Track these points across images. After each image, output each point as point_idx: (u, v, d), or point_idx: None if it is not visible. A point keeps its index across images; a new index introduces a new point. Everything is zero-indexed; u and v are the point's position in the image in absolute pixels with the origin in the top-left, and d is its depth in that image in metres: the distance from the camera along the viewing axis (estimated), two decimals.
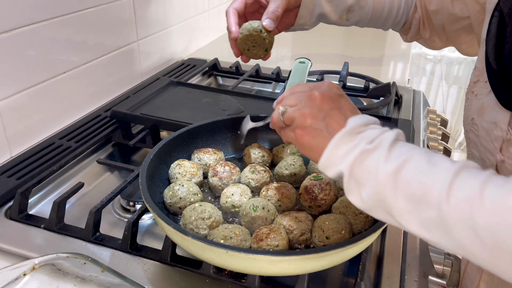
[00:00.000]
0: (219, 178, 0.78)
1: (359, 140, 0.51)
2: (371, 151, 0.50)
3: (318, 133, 0.54)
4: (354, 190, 0.52)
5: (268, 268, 0.58)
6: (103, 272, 0.62)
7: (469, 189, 0.43)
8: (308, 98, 0.57)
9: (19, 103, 0.96)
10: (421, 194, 0.46)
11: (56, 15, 1.01)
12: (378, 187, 0.49)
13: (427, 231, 0.47)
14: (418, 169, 0.47)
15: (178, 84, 1.23)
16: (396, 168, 0.48)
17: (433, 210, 0.45)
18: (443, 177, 0.45)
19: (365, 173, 0.50)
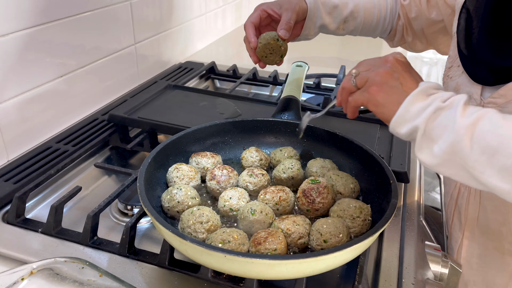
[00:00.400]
0: (217, 181, 0.78)
1: (433, 99, 0.56)
2: (445, 108, 0.55)
3: (394, 90, 0.58)
4: (425, 147, 0.56)
5: (266, 272, 0.58)
6: (101, 277, 0.62)
7: None
8: (381, 61, 0.61)
9: (16, 107, 0.96)
10: (498, 145, 0.51)
11: (53, 19, 1.01)
12: (455, 139, 0.53)
13: (502, 179, 0.51)
14: (494, 124, 0.52)
15: (176, 88, 1.23)
16: (473, 121, 0.52)
17: (511, 159, 0.50)
18: None
19: (440, 128, 0.54)
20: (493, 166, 0.51)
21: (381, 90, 0.59)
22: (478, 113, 0.53)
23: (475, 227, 0.81)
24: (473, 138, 0.52)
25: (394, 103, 0.58)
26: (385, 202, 0.71)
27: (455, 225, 0.86)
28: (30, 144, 1.01)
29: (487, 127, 0.52)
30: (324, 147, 0.89)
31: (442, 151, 0.54)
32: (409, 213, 0.86)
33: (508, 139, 0.51)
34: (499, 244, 0.79)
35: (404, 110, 0.57)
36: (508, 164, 0.50)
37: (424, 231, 0.84)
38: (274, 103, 1.15)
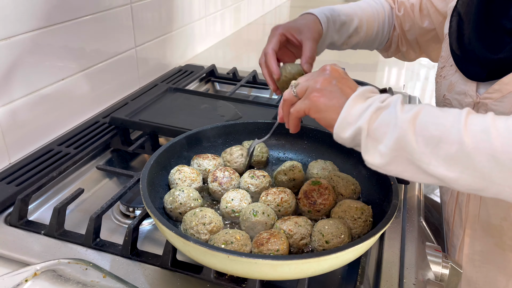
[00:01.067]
0: (218, 183, 0.78)
1: (372, 100, 0.58)
2: (385, 108, 0.57)
3: (334, 95, 0.60)
4: (371, 148, 0.57)
5: (269, 272, 0.59)
6: (105, 278, 0.62)
7: (482, 122, 0.51)
8: (319, 70, 0.64)
9: (18, 110, 0.96)
10: (440, 134, 0.52)
11: (54, 23, 1.01)
12: (399, 134, 0.54)
13: (448, 168, 0.52)
14: (433, 115, 0.54)
15: (176, 90, 1.24)
16: (413, 115, 0.54)
17: (454, 146, 0.51)
18: (457, 117, 0.53)
19: (383, 127, 0.56)
20: (439, 155, 0.52)
21: (322, 96, 0.61)
22: (416, 108, 0.55)
23: (476, 224, 0.82)
24: (416, 131, 0.53)
25: (335, 107, 0.60)
26: (385, 203, 0.71)
27: (456, 222, 0.87)
28: (32, 146, 1.01)
29: (427, 118, 0.54)
30: (325, 149, 0.89)
31: (389, 148, 0.55)
32: (409, 214, 0.87)
33: (448, 127, 0.52)
34: (500, 240, 0.79)
35: (346, 113, 0.58)
36: (452, 151, 0.52)
37: (424, 232, 0.85)
38: (274, 106, 1.16)
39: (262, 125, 0.93)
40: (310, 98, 0.62)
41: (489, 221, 0.80)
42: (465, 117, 0.52)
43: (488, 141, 0.50)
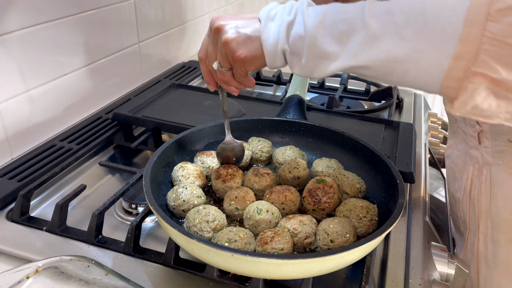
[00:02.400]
0: (222, 180, 0.77)
1: (279, 19, 0.59)
2: (293, 21, 0.58)
3: (247, 41, 0.61)
4: (296, 62, 0.59)
5: (273, 271, 0.58)
6: (107, 275, 0.61)
7: (384, 5, 0.51)
8: (214, 36, 0.63)
9: (20, 105, 0.95)
10: (347, 28, 0.53)
11: (57, 17, 1.01)
12: (311, 42, 0.55)
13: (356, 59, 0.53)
14: (337, 13, 0.55)
15: (180, 87, 1.23)
16: (320, 19, 0.55)
17: (361, 33, 0.52)
18: (359, 7, 0.53)
19: (298, 41, 0.57)
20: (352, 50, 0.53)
21: (242, 51, 0.61)
22: (322, 11, 0.56)
23: (488, 220, 0.80)
24: (325, 33, 0.54)
25: (259, 49, 0.61)
26: (391, 202, 0.70)
27: (471, 219, 0.84)
28: (34, 142, 1.01)
29: (333, 17, 0.54)
30: (330, 147, 0.88)
31: (308, 58, 0.57)
32: (414, 213, 0.86)
33: (353, 19, 0.53)
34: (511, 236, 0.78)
35: (267, 47, 0.60)
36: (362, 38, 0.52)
37: (430, 231, 0.84)
38: (278, 103, 1.15)
39: (266, 122, 0.93)
40: (236, 60, 0.62)
41: (499, 215, 0.78)
42: (368, 5, 0.53)
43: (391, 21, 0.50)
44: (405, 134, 1.02)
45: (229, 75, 0.66)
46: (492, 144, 0.77)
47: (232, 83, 0.67)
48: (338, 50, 0.54)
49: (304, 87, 1.08)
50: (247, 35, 0.61)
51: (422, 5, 0.48)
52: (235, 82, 0.67)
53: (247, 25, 0.62)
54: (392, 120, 1.09)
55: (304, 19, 0.56)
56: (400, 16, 0.49)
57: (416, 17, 0.48)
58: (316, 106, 1.21)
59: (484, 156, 0.79)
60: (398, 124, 1.06)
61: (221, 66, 0.64)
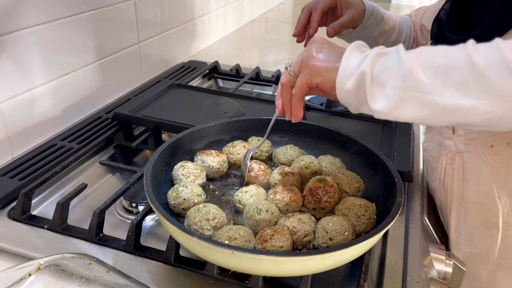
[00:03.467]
0: (255, 175, 0.80)
1: (369, 50, 0.57)
2: (385, 53, 0.56)
3: (329, 56, 0.60)
4: (377, 93, 0.54)
5: (273, 268, 0.58)
6: (108, 273, 0.62)
7: (489, 44, 0.50)
8: (308, 46, 0.63)
9: (21, 104, 0.96)
10: (448, 63, 0.50)
11: (58, 17, 1.01)
12: (405, 72, 0.52)
13: (463, 95, 0.49)
14: (435, 49, 0.53)
15: (180, 87, 1.24)
16: (416, 53, 0.53)
17: (466, 69, 0.49)
18: (463, 46, 0.51)
19: (386, 70, 0.53)
20: (451, 84, 0.50)
21: (318, 60, 0.60)
22: (418, 49, 0.54)
23: (461, 206, 0.84)
24: (423, 65, 0.51)
25: (334, 66, 0.59)
26: (389, 201, 0.71)
27: (444, 207, 0.89)
28: (35, 141, 1.01)
29: (431, 53, 0.52)
30: (329, 146, 0.89)
31: (396, 89, 0.52)
32: (413, 212, 0.87)
33: (454, 55, 0.51)
34: (485, 218, 0.80)
35: (345, 64, 0.57)
36: (463, 77, 0.49)
37: (427, 230, 0.85)
38: None
39: (266, 122, 0.93)
40: (308, 66, 0.61)
41: (472, 200, 0.81)
42: (472, 43, 0.51)
43: (500, 56, 0.48)
44: (403, 134, 1.02)
45: (289, 81, 0.65)
46: (465, 133, 0.81)
47: (284, 94, 0.66)
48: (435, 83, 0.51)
49: None
50: (334, 52, 0.61)
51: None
52: (287, 94, 0.66)
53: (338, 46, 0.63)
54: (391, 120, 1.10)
55: (399, 52, 0.54)
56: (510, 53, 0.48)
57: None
58: (315, 105, 1.21)
59: (457, 145, 0.83)
60: (397, 124, 1.07)
61: (291, 66, 0.64)
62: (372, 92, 0.55)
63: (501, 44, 0.49)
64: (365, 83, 0.55)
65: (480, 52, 0.49)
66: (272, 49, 1.92)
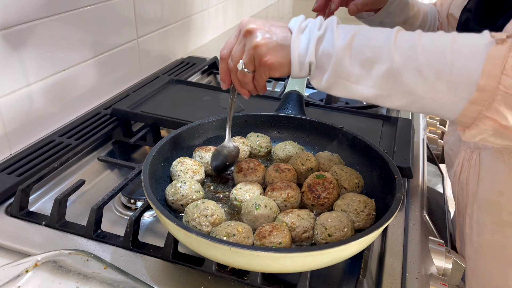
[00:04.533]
0: (243, 174, 0.78)
1: (309, 32, 0.61)
2: (323, 37, 0.60)
3: (277, 48, 0.62)
4: (318, 76, 0.62)
5: (271, 265, 0.58)
6: (106, 269, 0.61)
7: (410, 39, 0.56)
8: (244, 37, 0.64)
9: (19, 100, 0.95)
10: (373, 55, 0.57)
11: (55, 13, 1.01)
12: (337, 62, 0.58)
13: (381, 87, 0.57)
14: (366, 38, 0.58)
15: (178, 82, 1.23)
16: (348, 41, 0.58)
17: (386, 64, 0.56)
18: (387, 37, 0.57)
19: (324, 56, 0.60)
20: (373, 76, 0.57)
21: (270, 56, 0.62)
22: (352, 32, 0.58)
23: (474, 203, 0.83)
24: (352, 55, 0.58)
25: (286, 57, 0.62)
26: (389, 197, 0.71)
27: (460, 203, 0.88)
28: (32, 137, 1.01)
29: (362, 41, 0.58)
30: (328, 142, 0.89)
31: (330, 76, 0.60)
32: (412, 208, 0.86)
33: (380, 47, 0.56)
34: (498, 217, 0.79)
35: (295, 57, 0.61)
36: (383, 70, 0.56)
37: (427, 226, 0.84)
38: (276, 98, 1.15)
39: (265, 117, 0.93)
40: (262, 64, 0.63)
41: (486, 198, 0.80)
42: (394, 35, 0.56)
43: (414, 57, 0.54)
44: (403, 130, 1.02)
45: (249, 77, 0.66)
46: None
47: (249, 86, 0.68)
48: (361, 74, 0.58)
49: (303, 83, 1.08)
50: (277, 42, 0.62)
51: (443, 47, 0.54)
52: (251, 85, 0.68)
53: (278, 32, 0.63)
54: (390, 115, 1.10)
55: (334, 37, 0.59)
56: (423, 54, 0.54)
57: (437, 58, 0.54)
58: (315, 101, 1.21)
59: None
60: (396, 119, 1.07)
61: (246, 67, 0.65)
62: (315, 74, 0.62)
63: (418, 43, 0.55)
64: (311, 69, 0.62)
65: (399, 48, 0.55)
66: None
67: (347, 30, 0.59)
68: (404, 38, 0.56)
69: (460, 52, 0.53)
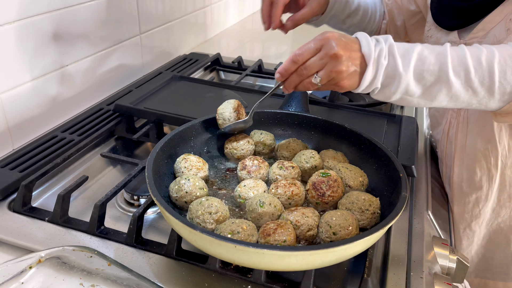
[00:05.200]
0: (247, 171, 0.78)
1: (377, 64, 0.69)
2: (388, 65, 0.69)
3: (353, 74, 0.70)
4: (379, 94, 0.72)
5: (276, 263, 0.58)
6: (110, 266, 0.61)
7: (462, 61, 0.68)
8: (331, 59, 0.69)
9: (21, 96, 0.95)
10: (434, 79, 0.69)
11: (59, 8, 1.00)
12: (401, 86, 0.70)
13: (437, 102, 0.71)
14: (426, 61, 0.68)
15: (181, 79, 1.23)
16: (411, 67, 0.68)
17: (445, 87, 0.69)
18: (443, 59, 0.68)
19: (389, 79, 0.70)
20: (432, 94, 0.70)
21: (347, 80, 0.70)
22: (412, 57, 0.68)
23: (464, 154, 0.94)
24: (414, 79, 0.69)
25: (356, 82, 0.71)
26: (394, 195, 0.70)
27: (448, 155, 0.99)
28: (35, 133, 1.00)
29: (421, 66, 0.68)
30: (332, 140, 0.88)
31: (392, 92, 0.71)
32: (416, 207, 0.86)
33: (440, 72, 0.68)
34: (486, 162, 0.91)
35: (364, 84, 0.70)
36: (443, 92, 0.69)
37: (431, 225, 0.84)
38: (280, 96, 1.14)
39: (269, 115, 0.92)
40: (337, 85, 0.71)
41: (475, 147, 0.91)
42: (450, 59, 0.68)
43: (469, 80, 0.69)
44: (407, 128, 1.01)
45: (315, 87, 0.72)
46: None
47: (304, 89, 0.74)
48: (422, 93, 0.70)
49: None
50: (355, 70, 0.70)
51: (491, 68, 0.67)
52: (308, 88, 0.74)
53: (356, 58, 0.70)
54: (395, 113, 1.09)
55: (397, 65, 0.68)
56: (476, 76, 0.68)
57: (489, 78, 0.68)
58: (319, 99, 1.20)
59: None
60: (401, 117, 1.06)
61: (320, 82, 0.71)
62: (377, 92, 0.73)
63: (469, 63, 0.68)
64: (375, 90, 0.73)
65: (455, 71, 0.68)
66: (275, 42, 1.90)
67: (407, 55, 0.69)
68: (457, 60, 0.68)
69: (505, 72, 0.67)
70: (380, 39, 0.71)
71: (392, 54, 0.69)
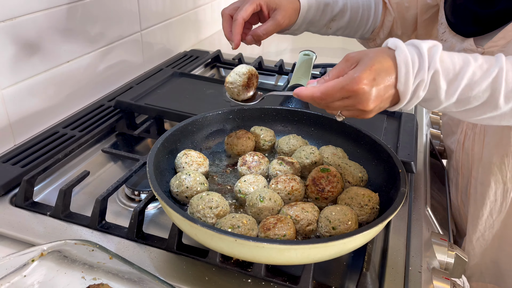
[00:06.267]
0: (247, 167, 0.79)
1: (416, 97, 0.64)
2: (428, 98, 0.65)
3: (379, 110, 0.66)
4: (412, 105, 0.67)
5: (276, 256, 0.58)
6: (111, 259, 0.62)
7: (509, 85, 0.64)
8: (360, 110, 0.64)
9: (23, 92, 0.96)
10: (480, 104, 0.65)
11: (59, 4, 1.00)
12: (442, 109, 0.67)
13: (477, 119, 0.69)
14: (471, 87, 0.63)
15: (182, 75, 1.23)
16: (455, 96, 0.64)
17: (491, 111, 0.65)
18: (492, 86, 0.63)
19: (428, 102, 0.66)
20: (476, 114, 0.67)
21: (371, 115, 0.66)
22: (462, 84, 0.62)
23: (480, 166, 0.92)
24: (457, 104, 0.65)
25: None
26: (393, 191, 0.71)
27: (464, 167, 0.97)
28: (36, 128, 1.01)
29: (467, 93, 0.63)
30: (332, 136, 0.89)
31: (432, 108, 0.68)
32: (415, 202, 0.86)
33: (489, 99, 0.64)
34: (501, 175, 0.88)
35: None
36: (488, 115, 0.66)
37: (430, 221, 0.85)
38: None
39: (269, 111, 0.93)
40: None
41: (491, 161, 0.89)
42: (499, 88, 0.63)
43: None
44: (407, 125, 1.02)
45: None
46: None
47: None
48: (459, 111, 0.67)
49: (307, 77, 1.08)
50: (385, 108, 0.67)
51: None
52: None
53: (387, 99, 0.64)
54: (394, 110, 1.09)
55: (439, 92, 0.63)
56: None
57: None
58: None
59: None
60: (400, 114, 1.07)
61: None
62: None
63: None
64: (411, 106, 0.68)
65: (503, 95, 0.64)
66: (275, 39, 1.90)
67: (455, 80, 0.63)
68: (510, 85, 0.63)
69: None
70: (425, 62, 0.61)
71: (435, 82, 0.62)
